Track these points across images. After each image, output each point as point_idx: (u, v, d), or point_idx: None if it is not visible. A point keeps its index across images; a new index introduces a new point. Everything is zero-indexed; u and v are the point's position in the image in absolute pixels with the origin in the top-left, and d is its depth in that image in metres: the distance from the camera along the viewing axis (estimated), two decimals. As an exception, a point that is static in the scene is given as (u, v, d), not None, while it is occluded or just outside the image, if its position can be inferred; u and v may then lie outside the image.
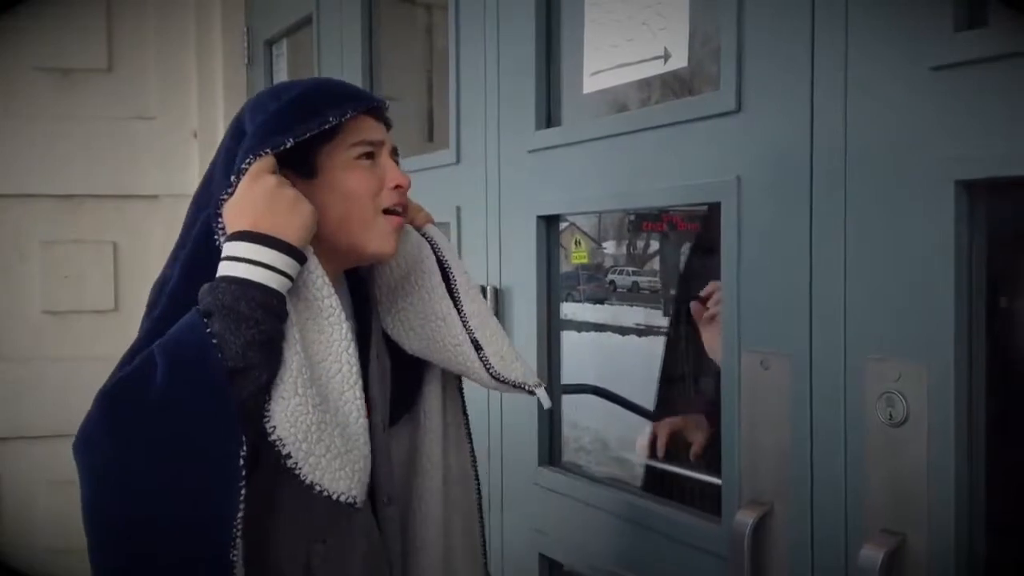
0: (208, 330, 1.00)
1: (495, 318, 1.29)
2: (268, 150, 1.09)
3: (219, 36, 3.15)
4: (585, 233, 3.33)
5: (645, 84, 1.54)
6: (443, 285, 1.26)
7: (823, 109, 1.17)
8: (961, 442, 1.03)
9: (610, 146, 1.53)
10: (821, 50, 1.17)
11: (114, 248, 3.00)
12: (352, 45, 2.45)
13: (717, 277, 1.35)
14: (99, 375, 1.08)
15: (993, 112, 1.00)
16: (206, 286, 1.04)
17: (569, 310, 1.91)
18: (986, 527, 1.05)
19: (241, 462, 0.97)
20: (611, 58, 1.56)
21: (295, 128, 1.11)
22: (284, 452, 0.99)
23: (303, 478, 1.00)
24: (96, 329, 2.96)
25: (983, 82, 1.00)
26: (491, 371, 1.25)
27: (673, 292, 2.11)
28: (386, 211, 1.17)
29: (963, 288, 1.03)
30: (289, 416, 1.00)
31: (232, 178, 1.09)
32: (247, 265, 1.04)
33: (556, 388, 1.76)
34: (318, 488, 1.00)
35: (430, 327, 1.26)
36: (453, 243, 1.95)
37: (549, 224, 1.72)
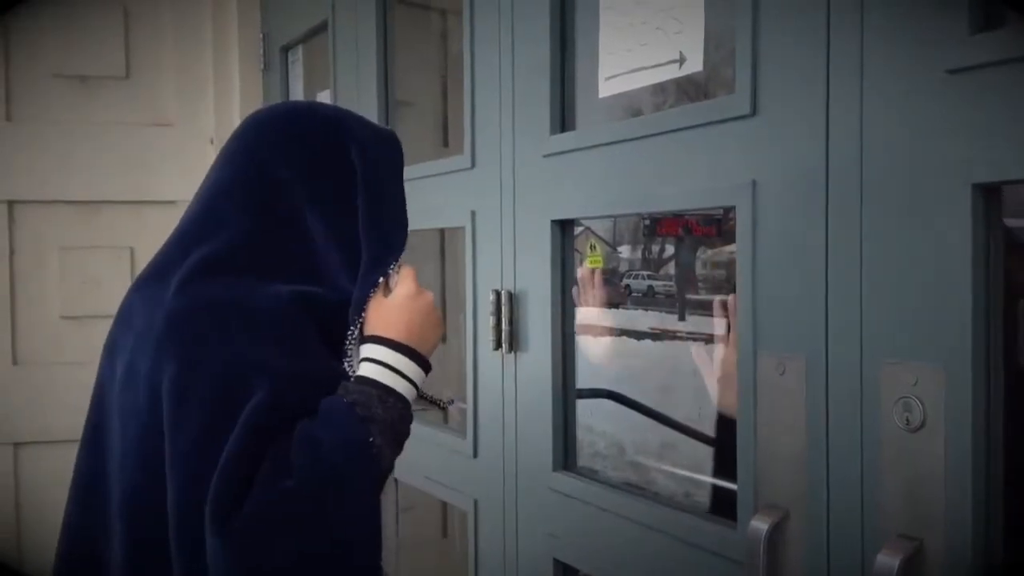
0: (371, 440, 1.07)
1: None
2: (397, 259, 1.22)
3: (235, 42, 3.17)
4: (600, 237, 3.32)
5: (660, 89, 1.54)
6: None
7: (838, 112, 1.17)
8: (979, 447, 1.02)
9: (624, 150, 1.53)
10: (836, 53, 1.17)
11: (131, 253, 3.03)
12: (367, 50, 2.46)
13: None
14: (116, 379, 1.11)
15: (1010, 114, 0.99)
16: (371, 391, 1.11)
17: (583, 314, 1.91)
18: (1004, 532, 1.04)
19: None
20: (626, 62, 1.56)
21: (404, 228, 1.26)
22: None
23: None
24: (114, 334, 2.98)
25: (1000, 84, 1.00)
26: None
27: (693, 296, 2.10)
28: None
29: (980, 291, 1.02)
30: None
31: (380, 279, 1.19)
32: (405, 382, 1.15)
33: (570, 392, 1.76)
34: None
35: None
36: (468, 247, 1.95)
37: (563, 228, 1.72)
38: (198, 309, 1.11)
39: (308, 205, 1.20)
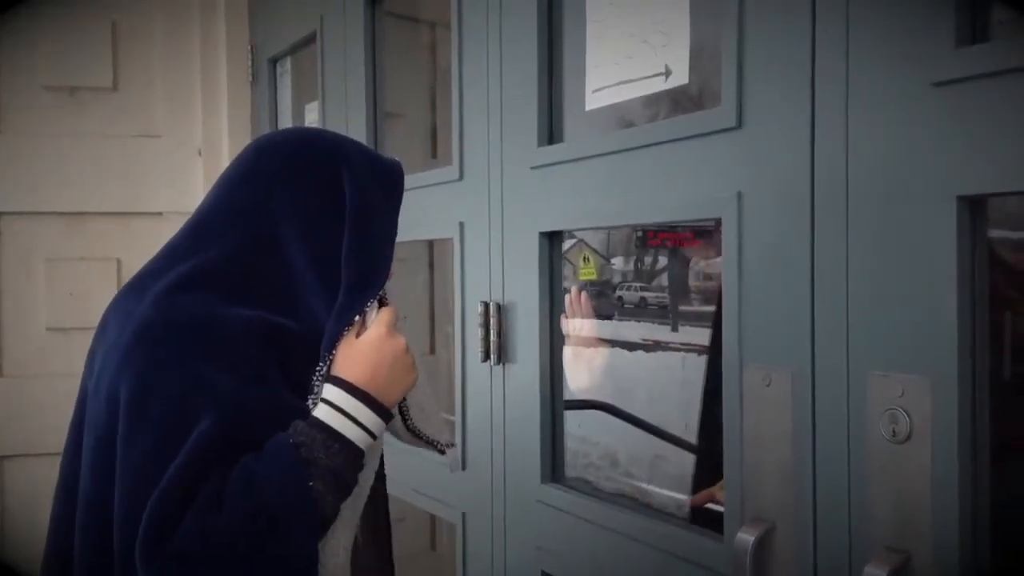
0: (311, 484, 1.04)
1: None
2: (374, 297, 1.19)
3: (223, 54, 3.17)
4: (594, 250, 3.33)
5: (653, 100, 1.54)
6: None
7: (824, 124, 1.17)
8: (965, 459, 1.02)
9: (612, 162, 1.53)
10: (822, 66, 1.17)
11: (118, 265, 3.01)
12: (356, 62, 2.46)
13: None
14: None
15: (995, 127, 0.99)
16: (317, 435, 1.08)
17: (575, 326, 1.91)
18: (991, 544, 1.04)
19: None
20: (613, 75, 1.56)
21: (386, 265, 1.22)
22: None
23: None
24: (101, 346, 2.97)
25: (985, 97, 1.00)
26: (408, 423, 1.29)
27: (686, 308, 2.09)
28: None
29: (966, 303, 1.02)
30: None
31: (356, 317, 1.16)
32: (358, 429, 1.11)
33: (559, 404, 1.76)
34: None
35: None
36: (456, 258, 1.95)
37: (551, 240, 1.72)
38: (165, 324, 1.10)
39: (295, 233, 1.18)
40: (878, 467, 1.11)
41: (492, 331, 1.82)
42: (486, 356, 1.84)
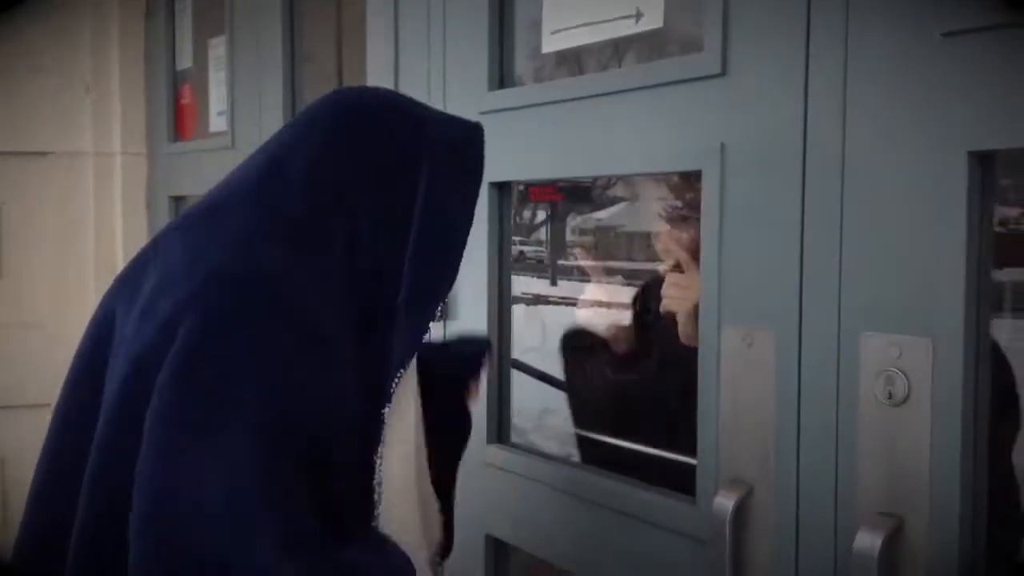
0: None
1: None
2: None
3: (116, -18, 2.93)
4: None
5: (614, 45, 1.46)
6: None
7: (819, 75, 1.11)
8: (968, 422, 1.00)
9: (573, 110, 1.44)
10: (818, 10, 1.11)
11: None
12: (272, -5, 2.29)
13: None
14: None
15: (1008, 80, 0.96)
16: None
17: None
18: (990, 509, 1.02)
19: None
20: (574, 16, 1.47)
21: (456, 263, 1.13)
22: None
23: None
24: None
25: (998, 49, 0.96)
26: None
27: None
28: None
29: (974, 262, 0.99)
30: None
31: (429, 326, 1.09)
32: None
33: (506, 362, 1.68)
34: None
35: None
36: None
37: (501, 191, 1.63)
38: (245, 282, 0.97)
39: (362, 209, 1.07)
40: (870, 430, 1.08)
41: (432, 286, 1.72)
42: (425, 312, 1.74)
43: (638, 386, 1.78)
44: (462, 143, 1.17)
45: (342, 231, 1.05)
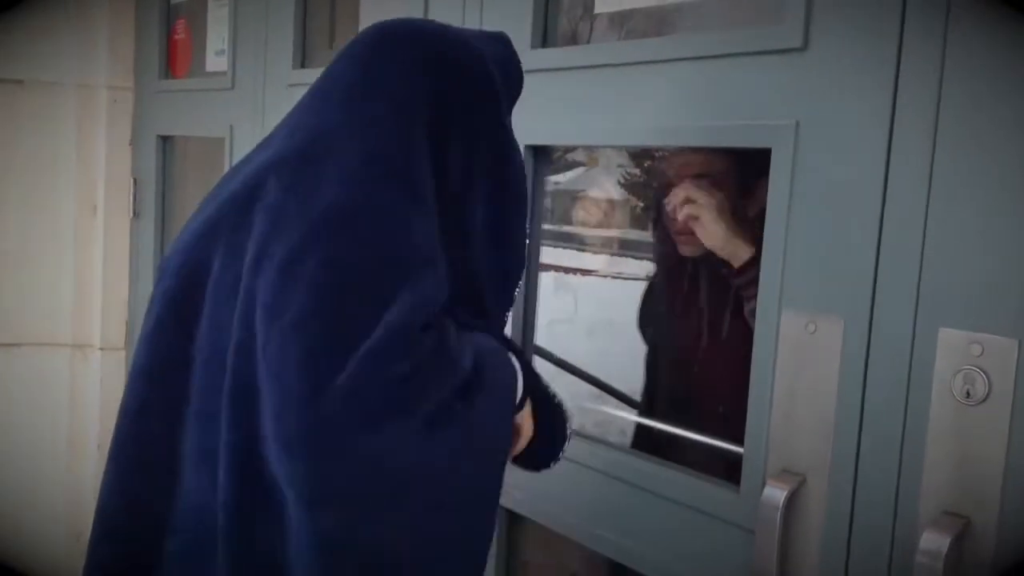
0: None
1: None
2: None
3: None
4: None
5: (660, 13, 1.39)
6: None
7: (913, 53, 1.06)
8: (1052, 427, 0.97)
9: (629, 74, 1.38)
10: (916, -11, 1.06)
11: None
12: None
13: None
14: None
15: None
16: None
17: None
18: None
19: None
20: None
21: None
22: None
23: None
24: None
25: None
26: None
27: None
28: None
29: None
30: None
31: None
32: None
33: (530, 333, 1.63)
34: None
35: None
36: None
37: (538, 156, 1.57)
38: (357, 218, 0.99)
39: (454, 135, 1.09)
40: (943, 428, 1.04)
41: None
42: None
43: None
44: (506, 59, 1.19)
45: (436, 164, 1.07)
